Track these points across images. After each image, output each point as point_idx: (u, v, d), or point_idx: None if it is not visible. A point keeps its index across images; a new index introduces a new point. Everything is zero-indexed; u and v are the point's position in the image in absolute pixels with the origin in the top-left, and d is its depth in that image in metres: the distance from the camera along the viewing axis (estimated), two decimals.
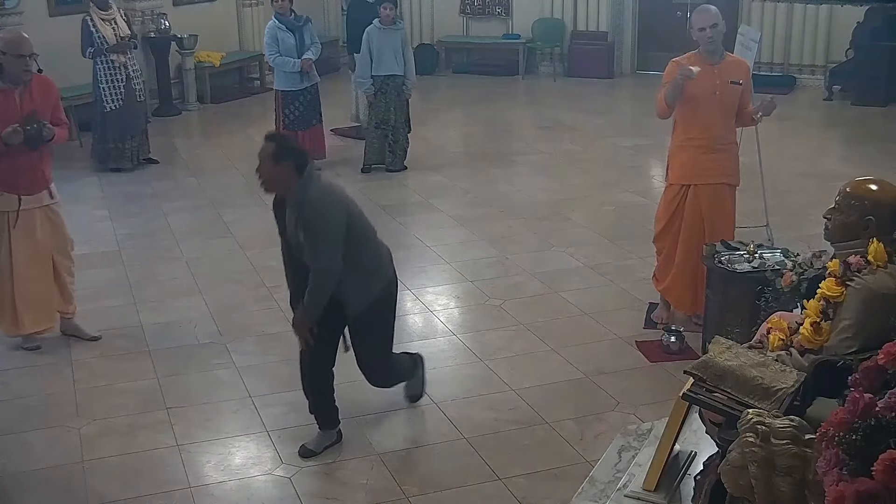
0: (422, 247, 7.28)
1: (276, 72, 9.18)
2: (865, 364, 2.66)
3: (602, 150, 10.27)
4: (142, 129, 9.56)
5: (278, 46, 8.94)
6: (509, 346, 5.60)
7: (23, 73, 5.22)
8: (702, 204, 5.58)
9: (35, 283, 5.52)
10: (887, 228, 3.29)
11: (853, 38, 12.18)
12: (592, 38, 14.02)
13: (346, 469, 4.39)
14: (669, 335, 5.49)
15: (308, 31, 9.15)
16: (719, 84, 5.52)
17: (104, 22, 8.98)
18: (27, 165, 5.34)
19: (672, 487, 3.71)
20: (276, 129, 9.29)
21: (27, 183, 5.38)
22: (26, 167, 5.34)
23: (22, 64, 5.20)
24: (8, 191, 5.34)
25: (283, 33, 8.95)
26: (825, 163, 9.42)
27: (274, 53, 8.97)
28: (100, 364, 5.45)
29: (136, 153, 9.46)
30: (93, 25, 8.92)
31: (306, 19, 9.22)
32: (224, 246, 7.34)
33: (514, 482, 4.26)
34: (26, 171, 5.35)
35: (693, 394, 3.23)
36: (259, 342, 5.70)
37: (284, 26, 8.96)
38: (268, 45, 9.02)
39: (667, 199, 5.75)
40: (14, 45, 5.18)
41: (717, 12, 5.54)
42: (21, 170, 5.32)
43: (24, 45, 5.21)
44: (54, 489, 4.29)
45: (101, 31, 8.93)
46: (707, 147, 5.57)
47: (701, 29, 5.51)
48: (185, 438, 4.65)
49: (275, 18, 9.02)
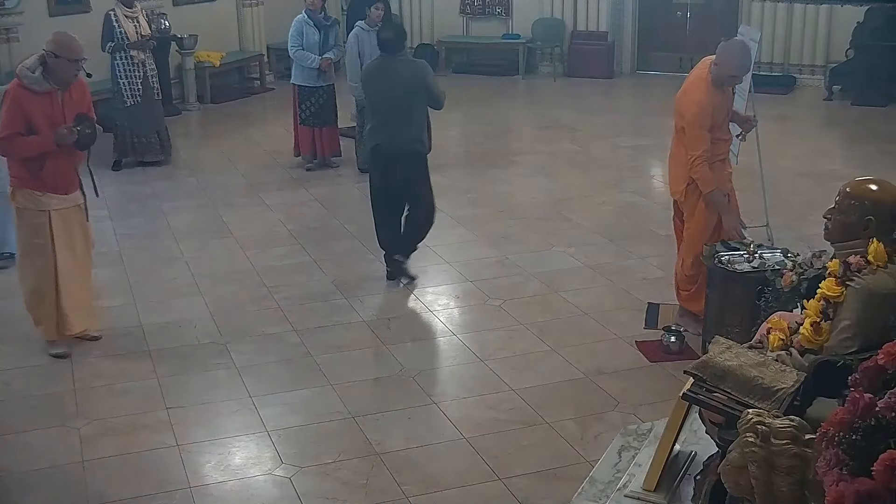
0: (422, 247, 7.27)
1: (295, 66, 9.23)
2: (865, 364, 2.66)
3: (602, 150, 10.26)
4: (161, 126, 9.60)
5: (302, 40, 9.00)
6: (509, 346, 5.60)
7: (73, 77, 5.25)
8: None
9: (77, 282, 5.52)
10: (887, 228, 3.29)
11: (853, 38, 12.18)
12: (592, 38, 14.01)
13: (346, 469, 4.39)
14: (669, 335, 5.49)
15: (334, 32, 9.25)
16: (729, 99, 5.57)
17: (127, 18, 9.06)
18: (67, 166, 5.36)
19: (672, 487, 3.71)
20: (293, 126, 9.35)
21: (65, 182, 5.39)
22: (67, 167, 5.37)
23: (74, 68, 5.22)
24: (50, 191, 5.34)
25: (309, 28, 9.01)
26: (825, 163, 9.41)
27: (296, 47, 9.02)
28: (100, 364, 5.45)
29: (161, 147, 9.53)
30: (115, 20, 8.98)
31: (334, 21, 9.37)
32: (224, 246, 7.34)
33: (514, 482, 4.26)
34: (66, 171, 5.37)
35: (693, 394, 3.23)
36: (259, 342, 5.70)
37: (312, 22, 9.04)
38: (292, 37, 9.06)
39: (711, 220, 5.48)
40: (67, 49, 5.17)
41: None
42: (61, 170, 5.33)
43: (77, 48, 5.22)
44: (54, 489, 4.29)
45: (124, 27, 9.01)
46: (726, 158, 5.63)
47: (733, 76, 5.35)
48: (185, 438, 4.65)
49: (305, 13, 9.09)
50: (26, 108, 5.16)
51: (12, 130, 5.17)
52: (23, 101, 5.16)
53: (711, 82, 5.32)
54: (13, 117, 5.17)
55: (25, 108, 5.15)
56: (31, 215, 5.36)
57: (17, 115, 5.16)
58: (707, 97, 5.30)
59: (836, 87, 12.31)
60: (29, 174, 5.28)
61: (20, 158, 5.28)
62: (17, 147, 5.23)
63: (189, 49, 11.96)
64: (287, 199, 8.53)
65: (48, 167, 5.27)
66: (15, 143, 5.21)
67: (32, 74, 5.16)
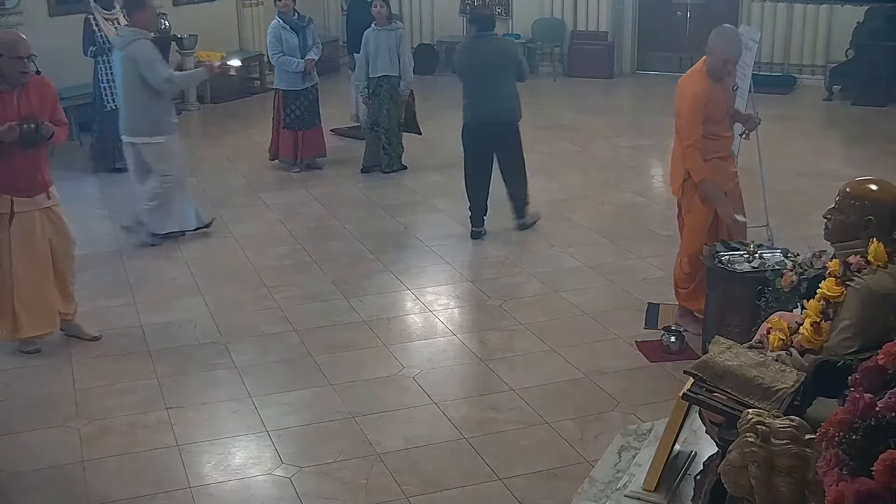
0: (422, 247, 7.28)
1: (278, 71, 9.19)
2: (865, 364, 2.66)
3: (602, 150, 10.27)
4: None
5: (282, 46, 8.97)
6: (509, 346, 5.60)
7: (20, 74, 5.14)
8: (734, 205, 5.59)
9: (34, 286, 5.47)
10: (887, 228, 3.30)
11: (853, 38, 12.18)
12: (592, 38, 14.02)
13: (346, 469, 4.39)
14: (669, 335, 5.48)
15: (311, 31, 9.19)
16: (729, 96, 5.57)
17: (107, 21, 9.01)
18: (24, 167, 5.26)
19: (672, 487, 3.72)
20: (272, 129, 9.34)
21: (24, 185, 5.30)
22: (23, 169, 5.26)
23: (20, 66, 5.12)
24: (3, 192, 5.25)
25: (286, 33, 8.97)
26: (825, 163, 9.41)
27: (277, 53, 9.00)
28: (100, 364, 5.45)
29: None
30: (95, 24, 8.94)
31: (309, 19, 9.25)
32: (224, 246, 7.34)
33: (514, 482, 4.26)
34: (23, 172, 5.27)
35: (693, 394, 3.23)
36: (259, 342, 5.70)
37: (288, 26, 8.99)
38: (271, 44, 9.06)
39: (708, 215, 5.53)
40: (11, 47, 5.09)
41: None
42: (17, 171, 5.24)
43: (22, 46, 5.13)
44: (54, 489, 4.29)
45: (104, 31, 8.94)
46: (727, 155, 5.63)
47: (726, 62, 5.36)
48: (185, 438, 4.65)
49: (278, 18, 9.04)
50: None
51: None
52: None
53: (706, 73, 5.38)
54: None
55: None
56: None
57: None
58: (702, 87, 5.35)
59: (836, 87, 12.31)
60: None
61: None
62: None
63: (189, 49, 11.96)
64: (287, 199, 8.53)
65: (4, 169, 5.17)
66: None
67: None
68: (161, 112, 7.01)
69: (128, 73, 6.89)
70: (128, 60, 6.86)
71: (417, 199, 8.50)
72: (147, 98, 6.89)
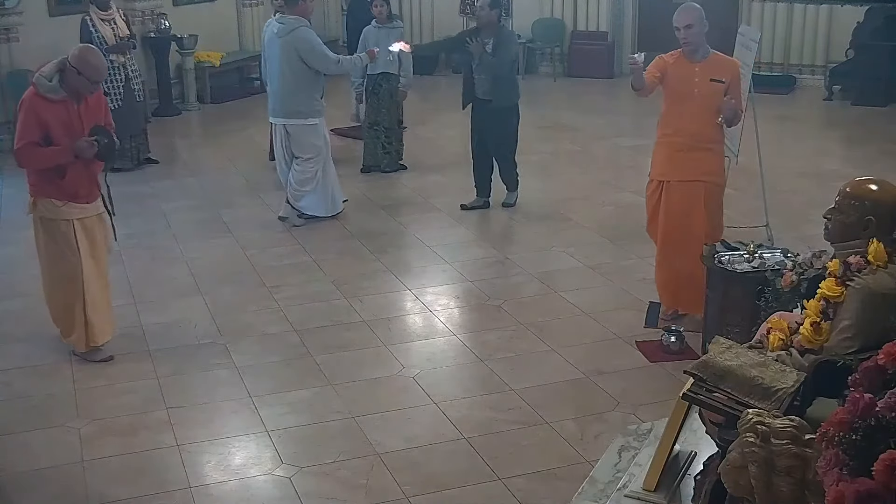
0: (422, 247, 7.28)
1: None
2: (865, 364, 2.66)
3: (602, 150, 10.27)
4: (141, 128, 9.55)
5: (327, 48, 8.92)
6: (509, 346, 5.60)
7: (88, 93, 5.19)
8: (673, 201, 5.59)
9: (100, 291, 5.46)
10: (887, 228, 3.30)
11: (853, 38, 12.19)
12: (592, 38, 14.02)
13: (346, 469, 4.39)
14: (669, 335, 5.49)
15: None
16: (698, 82, 5.52)
17: (104, 22, 8.99)
18: (86, 174, 5.27)
19: (672, 487, 3.72)
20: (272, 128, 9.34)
21: (84, 191, 5.30)
22: (84, 176, 5.26)
23: (93, 89, 5.19)
24: (71, 200, 5.25)
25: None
26: (825, 163, 9.42)
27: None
28: (100, 364, 5.44)
29: (137, 153, 9.45)
30: (92, 25, 8.92)
31: None
32: (224, 246, 7.34)
33: (514, 482, 4.26)
34: (84, 179, 5.27)
35: (693, 394, 3.23)
36: (259, 342, 5.70)
37: None
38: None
39: (647, 194, 5.83)
40: (94, 73, 5.10)
41: (696, 13, 5.48)
42: (80, 179, 5.24)
43: (103, 73, 5.20)
44: (54, 489, 4.29)
45: (101, 31, 8.93)
46: (682, 145, 5.57)
47: (676, 29, 5.55)
48: (185, 438, 4.65)
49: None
50: (42, 117, 5.05)
51: (29, 140, 5.06)
52: (38, 110, 5.05)
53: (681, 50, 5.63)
54: (30, 126, 5.06)
55: (41, 116, 5.05)
56: (54, 225, 5.26)
57: (34, 124, 5.05)
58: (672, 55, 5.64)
59: (836, 87, 12.31)
60: (49, 184, 5.18)
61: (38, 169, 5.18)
62: (35, 158, 5.13)
63: (189, 49, 11.96)
64: None
65: (70, 177, 5.18)
66: (34, 153, 5.10)
67: (49, 83, 5.06)
68: (317, 95, 7.59)
69: (290, 58, 7.43)
70: (289, 47, 7.42)
71: (417, 199, 8.50)
72: (307, 82, 7.49)
